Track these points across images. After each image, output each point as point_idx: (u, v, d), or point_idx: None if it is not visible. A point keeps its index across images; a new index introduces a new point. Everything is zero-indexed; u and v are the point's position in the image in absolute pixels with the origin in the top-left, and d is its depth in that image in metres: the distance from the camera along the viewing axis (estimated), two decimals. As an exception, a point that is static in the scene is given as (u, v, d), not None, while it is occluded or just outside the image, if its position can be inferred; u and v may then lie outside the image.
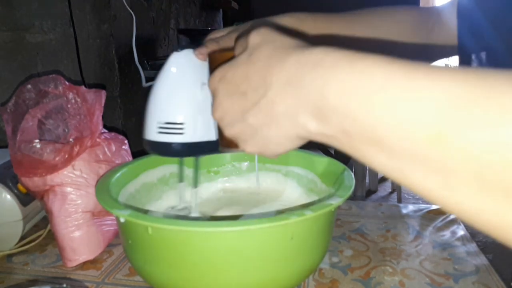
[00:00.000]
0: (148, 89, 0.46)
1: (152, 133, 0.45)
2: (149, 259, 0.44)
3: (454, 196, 0.23)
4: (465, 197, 0.22)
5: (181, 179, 0.60)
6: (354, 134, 0.27)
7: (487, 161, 0.21)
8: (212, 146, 0.46)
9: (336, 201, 0.44)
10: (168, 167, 0.63)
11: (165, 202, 0.62)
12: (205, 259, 0.42)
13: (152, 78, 0.53)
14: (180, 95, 0.45)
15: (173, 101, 0.44)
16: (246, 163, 0.67)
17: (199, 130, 0.45)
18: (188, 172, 0.65)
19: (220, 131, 0.45)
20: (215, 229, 0.40)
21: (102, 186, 0.50)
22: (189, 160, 0.65)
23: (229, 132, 0.37)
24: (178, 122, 0.44)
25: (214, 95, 0.38)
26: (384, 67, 0.25)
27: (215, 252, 0.42)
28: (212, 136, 0.46)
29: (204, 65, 0.46)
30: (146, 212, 0.59)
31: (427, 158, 0.23)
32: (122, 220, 0.43)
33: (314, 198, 0.60)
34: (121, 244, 0.66)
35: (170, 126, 0.44)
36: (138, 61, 1.52)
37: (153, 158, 0.61)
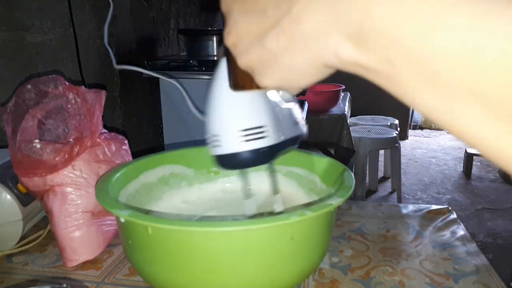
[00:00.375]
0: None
1: (233, 144, 0.40)
2: (149, 259, 0.45)
3: None
4: None
5: (247, 195, 0.55)
6: (400, 65, 0.22)
7: None
8: (284, 146, 0.43)
9: (336, 201, 0.44)
10: (167, 167, 0.63)
11: (165, 202, 0.62)
12: (205, 259, 0.42)
13: (151, 78, 0.51)
14: (251, 98, 0.40)
15: (249, 105, 0.40)
16: None
17: (277, 131, 0.41)
18: (189, 172, 0.65)
19: (231, 66, 0.39)
20: (216, 229, 0.40)
21: (102, 186, 0.50)
22: (193, 162, 0.65)
23: (243, 61, 0.31)
24: (260, 125, 0.40)
25: (227, 16, 0.31)
26: None
27: (215, 252, 0.42)
28: (284, 135, 0.43)
29: None
30: (147, 212, 0.59)
31: (494, 101, 0.19)
32: (122, 220, 0.43)
33: (315, 198, 0.60)
34: (121, 244, 0.66)
35: (254, 131, 0.40)
36: (138, 61, 1.52)
37: (152, 158, 0.61)
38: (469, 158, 3.43)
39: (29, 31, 1.08)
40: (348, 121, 2.25)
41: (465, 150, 3.51)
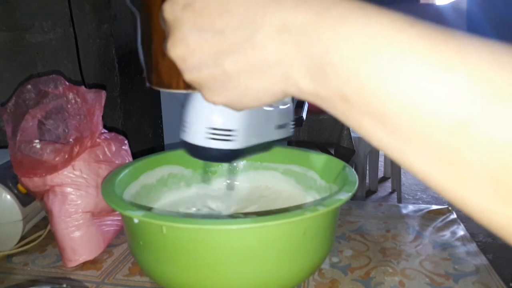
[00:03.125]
0: (145, 87, 0.44)
1: (199, 137, 0.41)
2: (162, 259, 0.44)
3: (462, 190, 0.21)
4: (474, 193, 0.21)
5: (204, 180, 0.57)
6: (354, 102, 0.23)
7: (511, 163, 0.19)
8: (257, 149, 0.44)
9: (345, 196, 0.45)
10: (166, 168, 0.63)
11: (165, 202, 0.62)
12: (220, 256, 0.43)
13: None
14: None
15: (224, 108, 0.40)
16: (242, 162, 0.67)
17: (248, 136, 0.42)
18: (187, 172, 0.65)
19: (153, 62, 0.37)
20: (232, 226, 0.41)
21: (109, 189, 0.50)
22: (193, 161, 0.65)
23: (192, 77, 0.30)
24: (231, 129, 0.40)
25: (172, 25, 0.30)
26: (405, 32, 0.21)
27: (230, 249, 0.43)
28: (258, 139, 0.43)
29: None
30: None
31: (440, 146, 0.21)
32: (136, 221, 0.43)
33: (314, 195, 0.61)
34: (121, 244, 0.66)
35: (222, 133, 0.40)
36: (137, 61, 1.52)
37: (152, 159, 0.61)
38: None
39: (29, 31, 1.08)
40: (348, 121, 2.25)
41: (465, 150, 3.50)
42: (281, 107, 0.46)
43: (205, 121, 0.40)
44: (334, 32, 0.23)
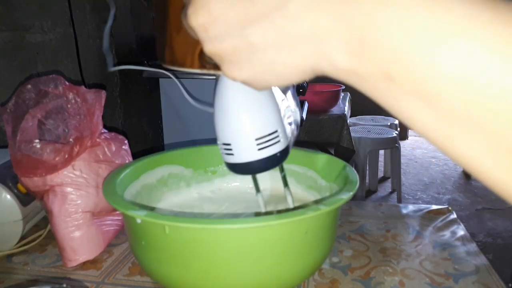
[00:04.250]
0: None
1: (249, 152, 0.39)
2: (165, 259, 0.44)
3: None
4: None
5: (257, 189, 0.53)
6: (401, 81, 0.21)
7: None
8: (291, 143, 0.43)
9: (346, 196, 0.46)
10: (166, 168, 0.63)
11: (165, 203, 0.62)
12: (223, 256, 0.43)
13: (151, 78, 0.51)
14: (260, 105, 0.38)
15: (261, 112, 0.38)
16: None
17: (286, 131, 0.41)
18: (187, 172, 0.65)
19: (167, 39, 0.35)
20: (236, 226, 0.41)
21: (110, 189, 0.50)
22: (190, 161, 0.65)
23: (213, 48, 0.28)
24: (273, 131, 0.39)
25: None
26: (465, 5, 0.19)
27: (233, 249, 0.43)
28: (292, 130, 0.43)
29: None
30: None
31: (496, 135, 0.19)
32: (138, 221, 0.43)
33: (315, 194, 0.61)
34: (129, 246, 0.66)
35: (268, 138, 0.39)
36: (137, 61, 1.52)
37: (152, 159, 0.61)
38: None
39: (29, 31, 1.08)
40: (348, 121, 2.25)
41: (465, 150, 3.50)
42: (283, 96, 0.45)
43: (250, 135, 0.38)
44: (383, 5, 0.20)
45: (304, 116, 1.59)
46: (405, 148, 4.04)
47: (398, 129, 3.11)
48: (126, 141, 0.68)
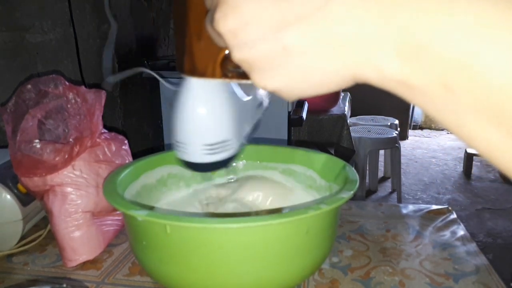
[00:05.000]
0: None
1: (197, 155, 0.41)
2: (166, 259, 0.44)
3: None
4: None
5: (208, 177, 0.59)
6: (461, 93, 0.18)
7: None
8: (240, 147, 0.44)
9: (347, 195, 0.46)
10: (165, 168, 0.63)
11: (165, 203, 0.62)
12: (224, 255, 0.43)
13: (151, 78, 0.51)
14: (218, 113, 0.40)
15: (215, 121, 0.40)
16: (242, 162, 0.67)
17: (239, 139, 0.43)
18: (186, 172, 0.65)
19: (187, 47, 0.33)
20: (239, 225, 0.41)
21: (111, 189, 0.50)
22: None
23: (242, 55, 0.25)
24: (224, 140, 0.41)
25: None
26: None
27: (234, 248, 0.43)
28: (244, 135, 0.44)
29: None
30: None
31: None
32: (139, 219, 0.43)
33: (314, 194, 0.61)
34: (129, 246, 0.66)
35: (218, 146, 0.41)
36: (137, 61, 1.52)
37: (151, 159, 0.61)
38: (469, 158, 3.43)
39: (29, 31, 1.08)
40: (348, 121, 2.25)
41: (465, 150, 3.51)
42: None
43: (200, 140, 0.40)
44: (444, 5, 0.18)
45: (304, 116, 1.59)
46: (405, 148, 4.04)
47: (398, 129, 3.11)
48: (126, 141, 0.68)
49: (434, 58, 0.19)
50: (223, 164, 0.42)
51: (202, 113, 0.39)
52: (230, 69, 0.32)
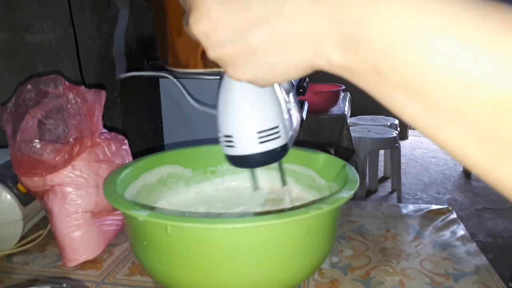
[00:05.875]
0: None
1: (249, 145, 0.40)
2: (166, 259, 0.44)
3: (499, 169, 0.21)
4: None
5: (256, 186, 0.55)
6: (389, 77, 0.23)
7: None
8: (292, 140, 0.43)
9: (347, 194, 0.46)
10: (165, 168, 0.63)
11: (165, 203, 0.62)
12: (225, 255, 0.43)
13: (151, 78, 0.51)
14: (264, 100, 0.40)
15: (263, 107, 0.40)
16: None
17: (287, 126, 0.42)
18: (186, 172, 0.65)
19: (169, 43, 0.36)
20: (240, 225, 0.41)
21: (111, 189, 0.50)
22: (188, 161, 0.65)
23: (216, 53, 0.29)
24: (275, 126, 0.40)
25: (195, 0, 0.29)
26: (449, 3, 0.20)
27: (235, 248, 0.43)
28: (292, 129, 0.43)
29: None
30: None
31: (479, 124, 0.20)
32: (140, 219, 0.43)
33: (314, 193, 0.61)
34: (130, 246, 0.66)
35: (270, 133, 0.40)
36: (138, 61, 1.52)
37: (151, 159, 0.61)
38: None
39: (29, 31, 1.08)
40: (348, 121, 2.25)
41: (465, 150, 3.50)
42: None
43: (252, 127, 0.39)
44: (370, 3, 0.22)
45: (304, 116, 1.59)
46: (405, 148, 4.04)
47: (398, 129, 3.11)
48: (126, 141, 0.68)
49: (366, 48, 0.23)
50: (276, 155, 0.41)
51: (250, 100, 0.39)
52: (210, 60, 0.34)
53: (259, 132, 0.39)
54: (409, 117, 0.23)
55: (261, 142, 0.40)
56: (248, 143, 0.40)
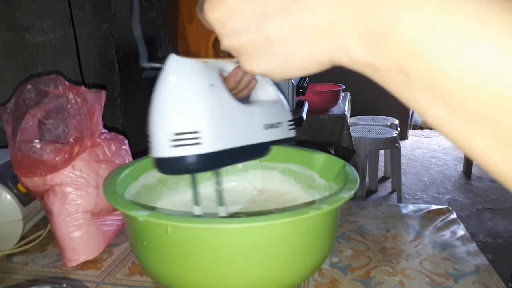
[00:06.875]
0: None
1: (162, 147, 0.36)
2: (167, 260, 0.44)
3: None
4: None
5: (196, 201, 0.50)
6: (416, 77, 0.21)
7: None
8: (241, 152, 0.39)
9: (347, 194, 0.46)
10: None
11: (165, 203, 0.62)
12: (225, 255, 0.43)
13: (150, 78, 0.51)
14: (188, 101, 0.36)
15: (181, 108, 0.36)
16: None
17: (219, 137, 0.38)
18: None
19: (180, 31, 0.34)
20: (241, 225, 0.41)
21: (111, 189, 0.50)
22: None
23: (231, 42, 0.28)
24: (194, 130, 0.36)
25: None
26: (485, 3, 0.19)
27: (236, 248, 0.43)
28: (236, 141, 0.39)
29: (210, 65, 0.38)
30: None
31: (510, 132, 0.19)
32: (141, 219, 0.43)
33: (314, 193, 0.61)
34: (130, 246, 0.66)
35: (185, 137, 0.36)
36: (137, 61, 1.52)
37: (151, 159, 0.61)
38: (469, 158, 3.42)
39: (29, 31, 1.08)
40: (348, 121, 2.25)
41: (465, 150, 3.50)
42: (268, 103, 0.44)
43: (166, 127, 0.36)
44: (402, 2, 0.21)
45: (304, 116, 1.59)
46: (405, 148, 4.04)
47: (398, 129, 3.11)
48: (126, 141, 0.68)
49: (392, 45, 0.21)
50: (195, 163, 0.36)
51: (172, 99, 0.36)
52: (221, 49, 0.33)
53: (173, 134, 0.36)
54: (435, 121, 0.22)
55: (174, 146, 0.36)
56: (160, 145, 0.37)
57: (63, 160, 0.59)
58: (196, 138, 0.36)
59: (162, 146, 0.37)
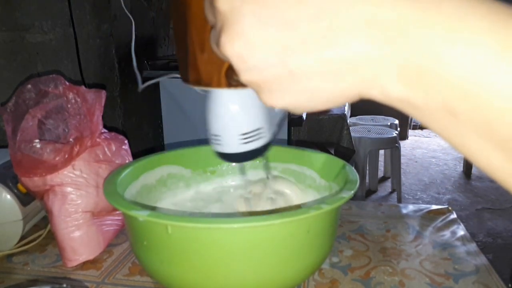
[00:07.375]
0: (147, 90, 0.45)
1: (233, 145, 0.43)
2: (167, 260, 0.44)
3: None
4: None
5: (243, 173, 0.64)
6: (465, 118, 0.19)
7: None
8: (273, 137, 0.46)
9: (347, 194, 0.46)
10: (165, 168, 0.63)
11: (165, 203, 0.62)
12: (226, 255, 0.43)
13: (150, 78, 0.51)
14: (249, 104, 0.42)
15: (248, 111, 0.42)
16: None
17: (270, 127, 0.45)
18: (186, 172, 0.65)
19: (191, 59, 0.34)
20: (241, 225, 0.41)
21: (111, 189, 0.50)
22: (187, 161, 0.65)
23: (251, 77, 0.25)
24: (257, 128, 0.43)
25: (228, 17, 0.24)
26: None
27: (236, 248, 0.43)
28: (273, 126, 0.46)
29: None
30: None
31: None
32: (141, 219, 0.43)
33: (313, 193, 0.61)
34: (130, 246, 0.66)
35: (252, 134, 0.42)
36: (138, 61, 1.52)
37: (151, 159, 0.61)
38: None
39: (29, 31, 1.08)
40: (348, 121, 2.25)
41: (465, 150, 3.50)
42: None
43: (235, 130, 0.42)
44: (447, 32, 0.19)
45: (304, 116, 1.59)
46: (405, 148, 4.04)
47: (398, 129, 3.11)
48: (126, 141, 0.68)
49: (436, 83, 0.20)
50: (258, 152, 0.44)
51: (235, 104, 0.41)
52: (234, 78, 0.33)
53: (242, 134, 0.42)
54: (487, 164, 0.20)
55: (245, 143, 0.42)
56: (232, 144, 0.43)
57: (63, 160, 0.59)
58: (259, 133, 0.43)
59: (234, 144, 0.43)
